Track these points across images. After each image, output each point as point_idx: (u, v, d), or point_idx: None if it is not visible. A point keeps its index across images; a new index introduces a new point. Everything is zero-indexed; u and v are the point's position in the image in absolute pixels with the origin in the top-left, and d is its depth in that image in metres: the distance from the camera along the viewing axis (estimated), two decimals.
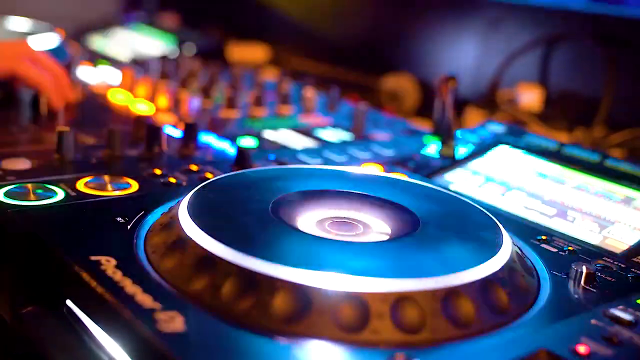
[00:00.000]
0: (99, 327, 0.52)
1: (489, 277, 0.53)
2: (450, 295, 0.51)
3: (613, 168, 0.82)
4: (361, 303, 0.49)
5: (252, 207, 0.62)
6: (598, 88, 1.19)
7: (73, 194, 0.68)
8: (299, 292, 0.49)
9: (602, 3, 1.30)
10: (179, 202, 0.61)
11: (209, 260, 0.52)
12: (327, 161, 0.87)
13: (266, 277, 0.50)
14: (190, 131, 0.86)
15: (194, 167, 0.79)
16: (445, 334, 0.50)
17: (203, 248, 0.53)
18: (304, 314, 0.48)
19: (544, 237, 0.69)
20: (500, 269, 0.55)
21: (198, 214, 0.58)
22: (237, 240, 0.53)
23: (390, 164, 0.87)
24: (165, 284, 0.53)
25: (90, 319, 0.53)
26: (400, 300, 0.49)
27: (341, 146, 0.95)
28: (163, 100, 1.06)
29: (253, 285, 0.50)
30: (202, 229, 0.55)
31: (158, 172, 0.76)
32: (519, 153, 0.89)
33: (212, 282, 0.51)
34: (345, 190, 0.68)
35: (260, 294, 0.49)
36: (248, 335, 0.48)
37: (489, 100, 1.30)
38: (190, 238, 0.55)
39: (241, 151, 0.82)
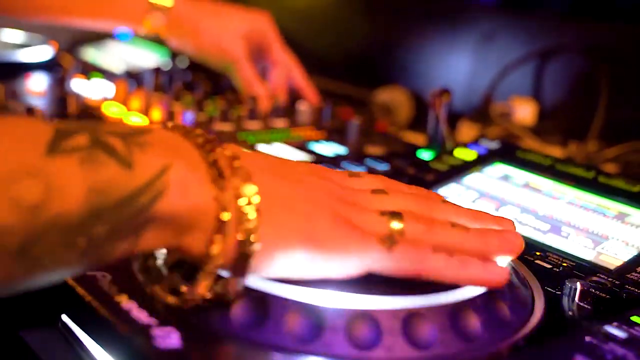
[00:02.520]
0: (94, 342, 0.52)
1: (481, 296, 0.54)
2: (437, 314, 0.51)
3: (607, 183, 0.83)
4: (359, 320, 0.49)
5: None
6: (592, 102, 1.19)
7: None
8: (304, 310, 0.49)
9: (595, 17, 1.31)
10: None
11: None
12: None
13: (254, 291, 0.50)
14: None
15: None
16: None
17: None
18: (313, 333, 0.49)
19: (538, 253, 0.69)
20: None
21: None
22: None
23: None
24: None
25: (86, 334, 0.53)
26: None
27: (335, 160, 0.95)
28: (157, 113, 1.06)
29: (252, 303, 0.50)
30: None
31: None
32: (512, 168, 0.89)
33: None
34: None
35: (256, 311, 0.50)
36: (242, 350, 0.48)
37: (482, 114, 1.31)
38: None
39: None
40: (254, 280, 0.50)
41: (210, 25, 1.23)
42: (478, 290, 0.54)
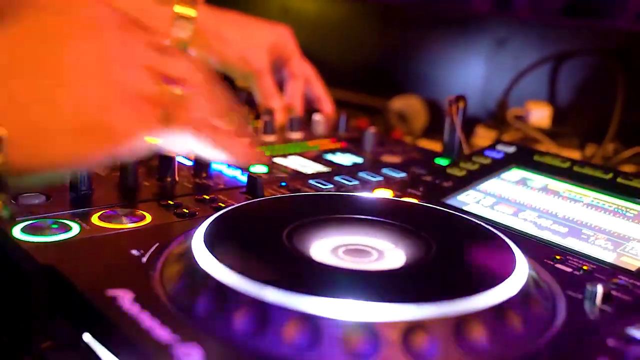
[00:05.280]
0: None
1: (505, 302, 0.53)
2: (463, 322, 0.51)
3: (625, 184, 0.82)
4: (371, 331, 0.49)
5: (266, 236, 0.62)
6: (608, 104, 1.19)
7: (87, 227, 0.68)
8: (310, 321, 0.49)
9: (608, 19, 1.31)
10: (192, 233, 0.61)
11: (223, 290, 0.53)
12: (339, 187, 0.87)
13: (277, 308, 0.50)
14: (202, 160, 0.87)
15: (206, 196, 0.79)
16: None
17: (217, 279, 0.54)
18: (315, 344, 0.49)
19: (558, 257, 0.69)
20: (516, 294, 0.55)
21: (212, 244, 0.58)
22: (250, 271, 0.53)
23: (402, 188, 0.88)
24: (183, 316, 0.53)
25: (109, 352, 0.53)
26: (410, 328, 0.49)
27: (352, 170, 0.95)
28: None
29: (265, 316, 0.50)
30: (217, 259, 0.55)
31: (171, 202, 0.77)
32: (530, 172, 0.89)
33: (226, 313, 0.51)
34: (358, 216, 0.68)
35: (273, 324, 0.50)
36: None
37: (498, 119, 1.31)
38: (204, 270, 0.55)
39: (252, 178, 0.82)
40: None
41: (235, 35, 1.23)
42: (494, 301, 0.53)
